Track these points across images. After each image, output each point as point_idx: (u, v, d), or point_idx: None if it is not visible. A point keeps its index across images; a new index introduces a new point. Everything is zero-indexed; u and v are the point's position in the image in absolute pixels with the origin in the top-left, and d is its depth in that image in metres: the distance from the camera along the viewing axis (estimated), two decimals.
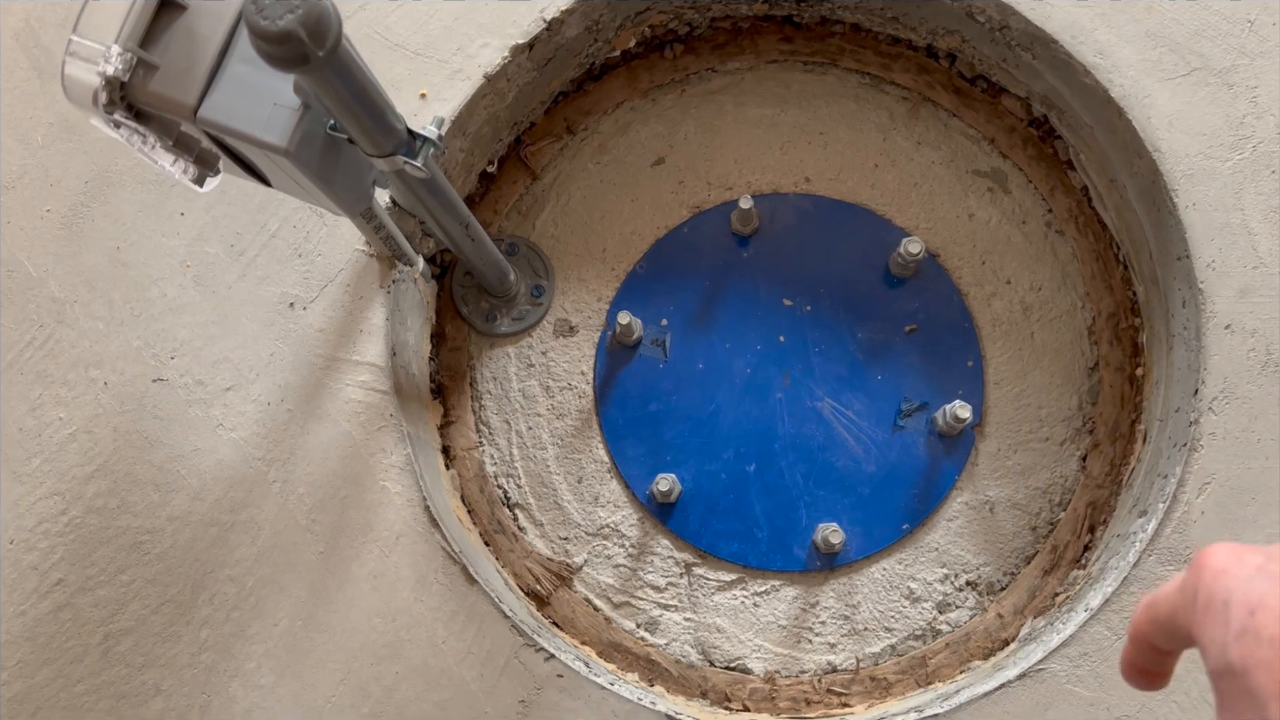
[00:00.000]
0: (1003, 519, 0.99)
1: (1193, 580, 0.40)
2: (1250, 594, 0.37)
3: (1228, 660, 0.36)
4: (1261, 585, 0.37)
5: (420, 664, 0.85)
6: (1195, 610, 0.39)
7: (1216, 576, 0.39)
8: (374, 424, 0.89)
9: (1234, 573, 0.38)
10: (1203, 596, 0.39)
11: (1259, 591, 0.36)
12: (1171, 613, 0.42)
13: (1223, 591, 0.38)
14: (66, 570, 0.87)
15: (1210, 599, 0.38)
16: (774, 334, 1.04)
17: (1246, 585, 0.37)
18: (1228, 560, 0.39)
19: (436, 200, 0.77)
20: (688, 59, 1.10)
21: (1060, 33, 0.93)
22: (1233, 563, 0.39)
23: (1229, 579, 0.38)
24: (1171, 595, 0.42)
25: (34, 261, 0.92)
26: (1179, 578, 0.42)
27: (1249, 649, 0.35)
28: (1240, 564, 0.39)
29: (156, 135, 0.66)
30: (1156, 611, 0.43)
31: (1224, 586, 0.38)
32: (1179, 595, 0.41)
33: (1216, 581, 0.39)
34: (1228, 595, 0.37)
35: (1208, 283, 0.88)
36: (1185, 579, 0.41)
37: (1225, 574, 0.39)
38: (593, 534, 1.01)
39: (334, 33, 0.51)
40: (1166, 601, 0.42)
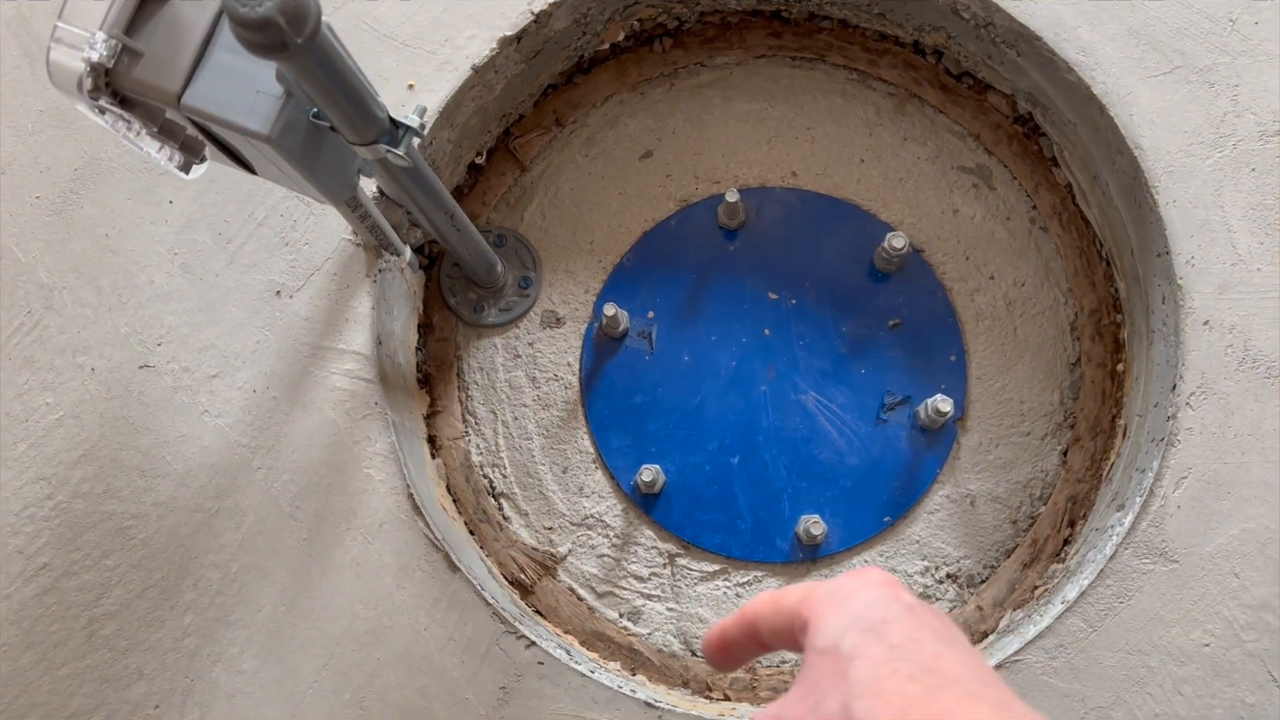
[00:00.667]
0: (983, 512, 1.00)
1: (813, 585, 0.42)
2: (890, 609, 0.38)
3: (837, 643, 0.37)
4: (895, 606, 0.38)
5: (402, 651, 0.86)
6: (815, 597, 0.40)
7: (848, 586, 0.40)
8: (359, 412, 0.90)
9: (881, 589, 0.39)
10: (827, 589, 0.40)
11: (898, 611, 0.38)
12: (796, 602, 0.42)
13: (860, 593, 0.39)
14: (52, 554, 0.88)
15: (838, 592, 0.40)
16: (759, 327, 1.04)
17: (890, 602, 0.38)
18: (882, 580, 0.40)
19: (420, 190, 0.77)
20: (677, 53, 1.11)
21: (1044, 30, 0.94)
22: (862, 588, 0.40)
23: (866, 591, 0.39)
24: (805, 588, 0.43)
25: (23, 248, 0.93)
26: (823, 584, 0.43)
27: (866, 642, 0.36)
28: (891, 588, 0.40)
29: (141, 122, 0.67)
30: (782, 600, 0.43)
31: (862, 595, 0.39)
32: (803, 589, 0.42)
33: (848, 585, 0.40)
34: (865, 598, 0.39)
35: (1187, 279, 0.89)
36: (808, 585, 0.42)
37: (861, 589, 0.40)
38: (577, 524, 1.02)
39: (313, 20, 0.52)
40: (789, 594, 0.43)
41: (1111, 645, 0.84)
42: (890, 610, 0.38)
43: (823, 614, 0.40)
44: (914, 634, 0.36)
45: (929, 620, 0.38)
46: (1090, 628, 0.84)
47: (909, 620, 0.37)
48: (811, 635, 0.39)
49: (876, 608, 0.38)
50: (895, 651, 0.36)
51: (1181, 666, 0.83)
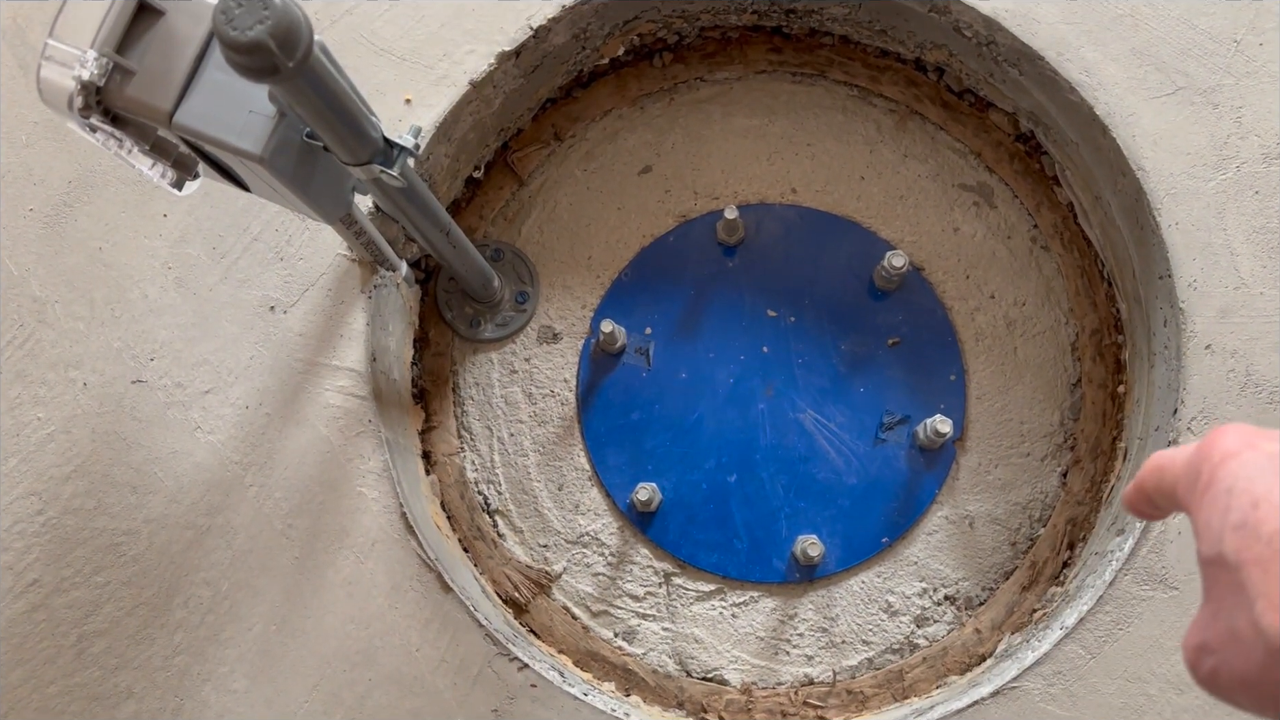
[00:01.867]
0: (982, 534, 0.99)
1: (1199, 457, 0.39)
2: (1256, 485, 0.35)
3: (1222, 550, 0.35)
4: (1269, 477, 0.35)
5: (393, 671, 0.85)
6: (1196, 490, 0.38)
7: (1224, 460, 0.37)
8: (352, 430, 0.89)
9: (1244, 459, 0.37)
10: (1205, 478, 0.38)
11: (1265, 484, 0.35)
12: (1174, 483, 0.41)
13: (1227, 477, 0.36)
14: (42, 571, 0.87)
15: (1212, 482, 0.37)
16: (757, 345, 1.04)
17: (1253, 475, 0.35)
18: (1239, 444, 0.37)
19: (415, 208, 0.77)
20: (677, 68, 1.10)
21: (1046, 49, 0.93)
22: (1244, 448, 0.37)
23: (1236, 465, 0.36)
24: (1178, 465, 0.40)
25: (16, 260, 0.92)
26: (1190, 448, 0.40)
27: (1245, 542, 0.34)
28: (1252, 451, 0.37)
29: (133, 140, 0.66)
30: (1161, 477, 0.42)
31: (1229, 472, 0.36)
32: (1185, 468, 0.40)
33: (1223, 466, 0.37)
34: (1232, 482, 0.36)
35: (1189, 302, 0.88)
36: (1194, 453, 0.39)
37: (1234, 459, 0.37)
38: (572, 542, 1.01)
39: (304, 43, 0.51)
40: (1172, 470, 0.41)
41: (1110, 673, 0.83)
42: (1255, 485, 0.35)
43: (1197, 514, 0.38)
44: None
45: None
46: (1089, 654, 0.83)
47: (1278, 486, 0.35)
48: (1197, 542, 0.37)
49: (1241, 491, 0.35)
50: (1274, 545, 0.33)
51: (1181, 695, 0.82)
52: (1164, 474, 0.41)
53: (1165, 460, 0.42)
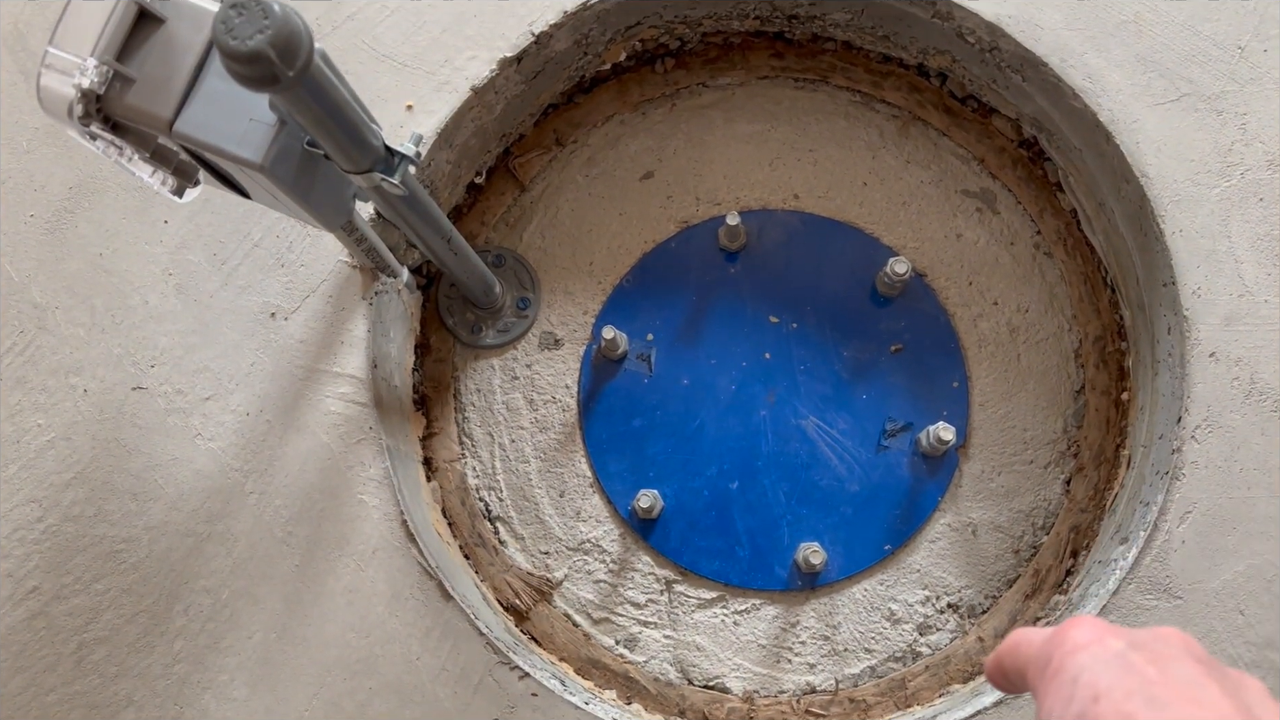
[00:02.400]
0: (985, 541, 0.99)
1: (1052, 645, 0.40)
2: (1099, 679, 0.36)
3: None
4: (1112, 673, 0.36)
5: (394, 680, 0.85)
6: (1045, 675, 0.39)
7: (1074, 651, 0.38)
8: (353, 437, 0.89)
9: (1092, 652, 0.38)
10: (1054, 666, 0.39)
11: (1108, 679, 0.36)
12: (1025, 664, 0.42)
13: (1074, 667, 0.37)
14: (41, 578, 0.87)
15: (1059, 671, 0.38)
16: (759, 351, 1.03)
17: (1098, 668, 0.37)
18: (1090, 637, 0.39)
19: (417, 215, 0.76)
20: (678, 73, 1.10)
21: (1050, 55, 0.93)
22: (1094, 641, 0.38)
23: (1084, 656, 0.38)
24: (1034, 646, 0.42)
25: (16, 266, 0.92)
26: (1046, 632, 0.42)
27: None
28: (1100, 645, 0.38)
29: (133, 147, 0.66)
30: (1016, 656, 0.43)
31: (1077, 663, 0.38)
32: (1038, 651, 0.41)
33: (1072, 656, 0.38)
34: (1077, 673, 0.37)
35: (1193, 310, 0.88)
36: (1048, 639, 0.41)
37: (1083, 650, 0.38)
38: (574, 549, 1.01)
39: (304, 52, 0.51)
40: (1027, 650, 0.42)
41: None
42: (1099, 679, 0.36)
43: (1042, 700, 0.39)
44: (1124, 707, 0.35)
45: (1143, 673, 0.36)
46: None
47: (1119, 684, 0.36)
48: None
49: (1085, 684, 0.36)
50: None
51: None
52: (1018, 653, 0.43)
53: (1023, 639, 0.43)
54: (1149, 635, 0.39)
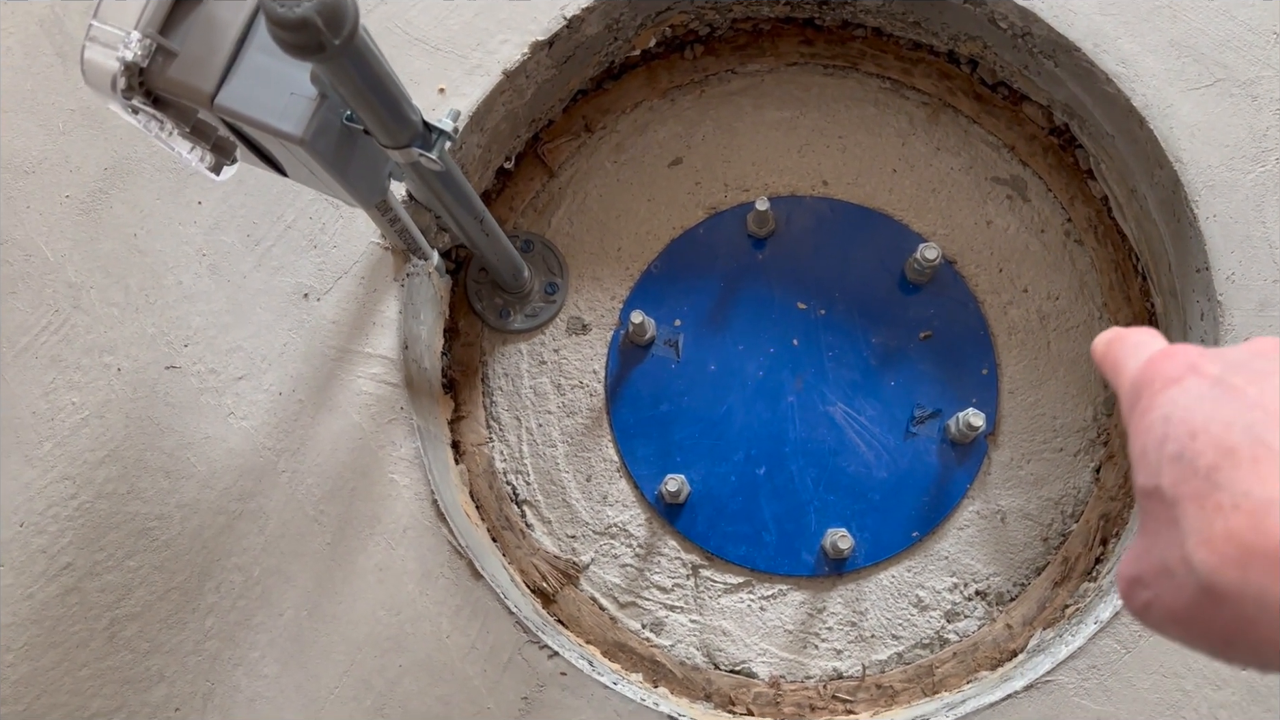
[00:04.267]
0: (1014, 529, 0.99)
1: (1143, 380, 0.37)
2: (1194, 415, 0.33)
3: (1159, 483, 0.33)
4: (1207, 405, 0.33)
5: (424, 658, 0.85)
6: (1136, 412, 0.37)
7: (1165, 386, 0.36)
8: (384, 417, 0.89)
9: (1185, 385, 0.35)
10: (1144, 402, 0.36)
11: (1204, 413, 0.33)
12: (1119, 389, 0.39)
13: (1166, 404, 0.35)
14: (75, 554, 0.87)
15: (1151, 408, 0.35)
16: (788, 337, 1.03)
17: (1192, 404, 0.34)
18: (1181, 369, 0.36)
19: (451, 194, 0.77)
20: (708, 60, 1.10)
21: (1083, 41, 0.92)
22: (1186, 372, 0.35)
23: (1177, 392, 0.35)
24: (1125, 379, 0.39)
25: (52, 246, 0.93)
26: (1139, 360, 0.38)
27: (1182, 475, 0.33)
28: (1195, 376, 0.35)
29: (174, 122, 0.66)
30: (1113, 376, 0.40)
31: (1169, 399, 0.35)
32: (1130, 387, 0.38)
33: (1163, 392, 0.35)
34: (1170, 409, 0.34)
35: (1227, 295, 0.87)
36: (1139, 373, 0.38)
37: (1175, 385, 0.35)
38: (600, 533, 1.01)
39: (350, 21, 0.51)
40: (1120, 376, 0.39)
41: (1146, 667, 0.82)
42: (1194, 414, 0.33)
43: (1135, 439, 0.36)
44: (1225, 439, 0.32)
45: (1241, 399, 0.33)
46: (1124, 649, 0.82)
47: (1216, 416, 0.33)
48: (1134, 470, 0.36)
49: (1180, 420, 0.33)
50: (1210, 479, 0.32)
51: (1218, 690, 0.81)
52: (1116, 375, 0.40)
53: (1119, 359, 0.40)
54: (1245, 352, 0.36)
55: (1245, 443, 0.31)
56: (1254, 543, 0.30)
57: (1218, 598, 0.31)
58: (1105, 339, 0.43)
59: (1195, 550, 0.31)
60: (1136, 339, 0.41)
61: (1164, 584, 0.33)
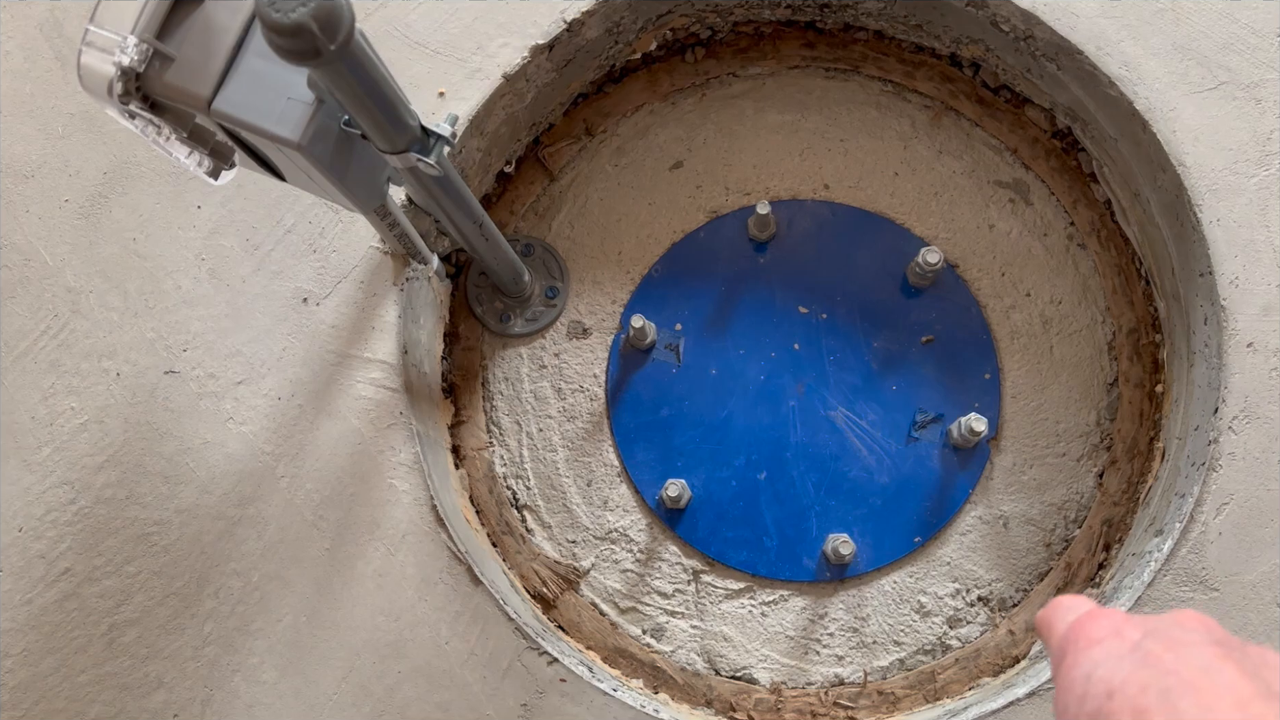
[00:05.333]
0: (1016, 534, 0.98)
1: (1066, 642, 0.40)
2: (1113, 674, 0.36)
3: None
4: (1126, 667, 0.35)
5: (423, 664, 0.85)
6: (1060, 669, 0.39)
7: (1088, 646, 0.38)
8: (383, 421, 0.89)
9: (1106, 646, 0.37)
10: (1069, 661, 0.39)
11: (1123, 674, 0.35)
12: (1047, 644, 0.42)
13: (1088, 664, 0.37)
14: (74, 560, 0.87)
15: (1074, 666, 0.38)
16: (789, 341, 1.03)
17: (1111, 663, 0.36)
18: (1105, 631, 0.38)
19: (450, 198, 0.76)
20: (709, 63, 1.10)
21: (1085, 44, 0.92)
22: (1110, 635, 0.38)
23: (1098, 652, 0.37)
24: (1053, 637, 0.42)
25: (51, 251, 0.93)
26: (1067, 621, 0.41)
27: None
28: (1117, 638, 0.37)
29: (171, 127, 0.66)
30: (1042, 629, 0.44)
31: (1091, 659, 0.37)
32: (1056, 645, 0.41)
33: (1085, 652, 0.38)
34: (1091, 669, 0.37)
35: (1230, 300, 0.87)
36: (1066, 632, 0.40)
37: (1097, 646, 0.38)
38: (601, 538, 1.00)
39: (346, 27, 0.51)
40: (1048, 630, 0.42)
41: None
42: (1113, 675, 0.36)
43: (1059, 693, 0.38)
44: (1139, 702, 0.34)
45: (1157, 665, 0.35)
46: None
47: (1133, 679, 0.35)
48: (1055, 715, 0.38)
49: (1099, 680, 0.36)
50: None
51: None
52: (1048, 635, 0.43)
53: (1053, 620, 0.43)
54: (1167, 621, 0.38)
55: (1158, 707, 0.33)
56: None
57: None
58: (1046, 608, 0.46)
59: None
60: (1069, 603, 0.44)
61: None
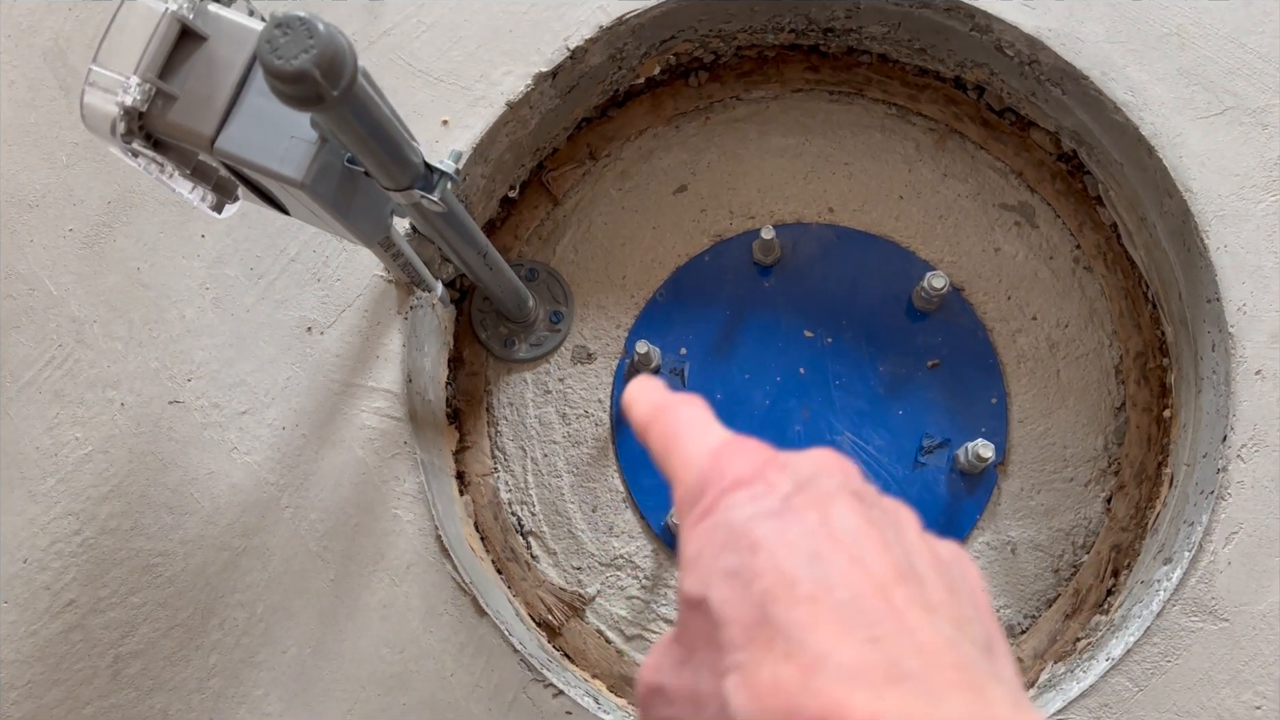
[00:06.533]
0: (1024, 560, 0.98)
1: (706, 478, 0.34)
2: (758, 527, 0.30)
3: (707, 595, 0.30)
4: (773, 523, 0.30)
5: (428, 696, 0.84)
6: (695, 509, 0.33)
7: (734, 487, 0.32)
8: (388, 451, 0.89)
9: (753, 492, 0.32)
10: (707, 501, 0.33)
11: (768, 528, 0.30)
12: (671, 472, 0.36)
13: (731, 508, 0.31)
14: (78, 591, 0.87)
15: (713, 509, 0.32)
16: (794, 366, 1.03)
17: (760, 516, 0.31)
18: (751, 471, 0.32)
19: (454, 231, 0.76)
20: (713, 87, 1.10)
21: (1090, 69, 0.92)
22: (755, 478, 0.32)
23: (743, 498, 0.32)
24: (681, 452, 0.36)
25: (55, 280, 0.93)
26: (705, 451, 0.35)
27: (734, 595, 0.29)
28: (764, 484, 0.32)
29: (175, 164, 0.66)
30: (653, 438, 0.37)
31: (734, 503, 0.32)
32: (692, 479, 0.34)
33: (728, 496, 0.32)
34: (733, 516, 0.31)
35: (1238, 326, 0.86)
36: (705, 467, 0.34)
37: (742, 489, 0.32)
38: (606, 564, 1.00)
39: (349, 71, 0.51)
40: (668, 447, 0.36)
41: (1158, 706, 0.81)
42: (758, 526, 0.30)
43: (688, 539, 0.32)
44: (786, 565, 0.29)
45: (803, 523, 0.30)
46: (1136, 687, 0.81)
47: (781, 536, 0.30)
48: (680, 572, 0.32)
49: (741, 531, 0.30)
50: (764, 611, 0.28)
51: None
52: (668, 454, 0.36)
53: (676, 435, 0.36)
54: (810, 467, 0.33)
55: (806, 577, 0.28)
56: (799, 703, 0.26)
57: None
58: (647, 405, 0.39)
59: (735, 691, 0.28)
60: (692, 414, 0.38)
61: (690, 710, 0.30)
